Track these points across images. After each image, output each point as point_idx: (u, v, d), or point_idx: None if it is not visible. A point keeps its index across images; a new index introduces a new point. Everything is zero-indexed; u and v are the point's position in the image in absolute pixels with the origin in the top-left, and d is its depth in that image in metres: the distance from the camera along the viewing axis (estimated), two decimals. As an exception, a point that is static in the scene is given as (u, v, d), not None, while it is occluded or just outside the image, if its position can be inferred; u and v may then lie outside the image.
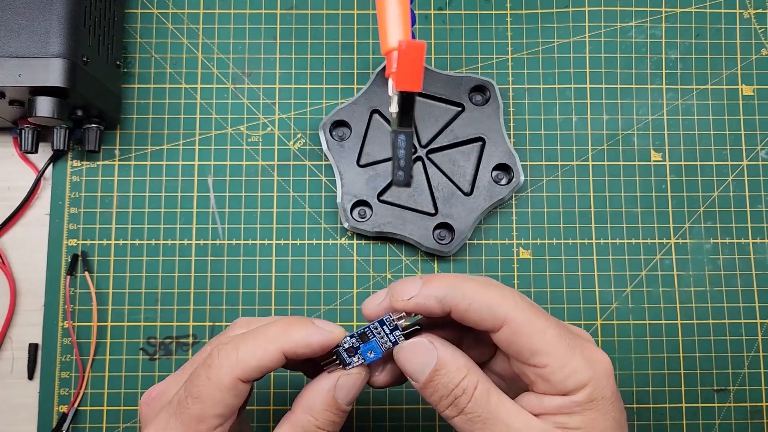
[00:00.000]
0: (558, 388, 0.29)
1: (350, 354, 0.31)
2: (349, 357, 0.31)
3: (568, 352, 0.29)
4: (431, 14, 0.49)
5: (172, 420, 0.30)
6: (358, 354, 0.31)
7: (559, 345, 0.29)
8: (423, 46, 0.29)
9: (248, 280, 0.45)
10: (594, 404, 0.29)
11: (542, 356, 0.29)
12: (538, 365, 0.29)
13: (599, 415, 0.29)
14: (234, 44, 0.48)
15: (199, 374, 0.30)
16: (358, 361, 0.31)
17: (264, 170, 0.47)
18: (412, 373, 0.30)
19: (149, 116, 0.47)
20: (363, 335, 0.31)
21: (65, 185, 0.46)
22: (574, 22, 0.49)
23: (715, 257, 0.47)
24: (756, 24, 0.49)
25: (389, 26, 0.30)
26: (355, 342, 0.31)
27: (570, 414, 0.29)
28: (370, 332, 0.31)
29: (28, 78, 0.39)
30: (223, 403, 0.29)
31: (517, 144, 0.47)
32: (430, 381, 0.29)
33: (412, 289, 0.30)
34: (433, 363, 0.29)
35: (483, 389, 0.29)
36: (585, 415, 0.29)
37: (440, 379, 0.29)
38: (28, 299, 0.45)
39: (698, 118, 0.48)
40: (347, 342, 0.31)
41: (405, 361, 0.30)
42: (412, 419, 0.44)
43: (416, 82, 0.29)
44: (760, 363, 0.46)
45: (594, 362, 0.29)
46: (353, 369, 0.31)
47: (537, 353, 0.29)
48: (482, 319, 0.29)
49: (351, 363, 0.31)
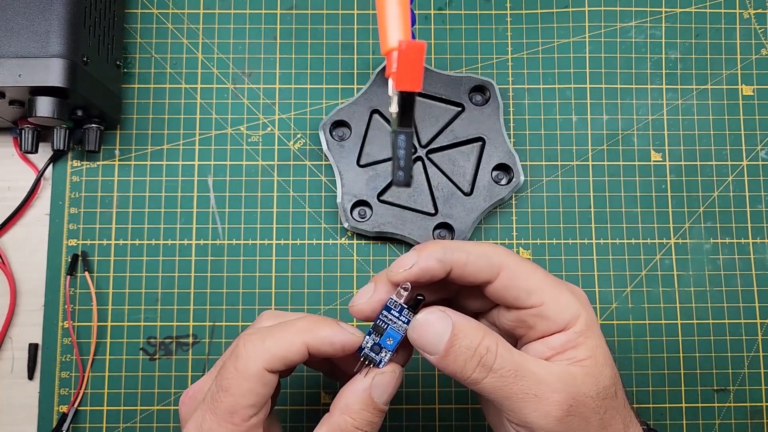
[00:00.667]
0: (558, 323, 0.30)
1: (377, 352, 0.31)
2: (377, 355, 0.31)
3: (556, 288, 0.31)
4: (431, 14, 0.49)
5: (207, 415, 0.30)
6: (383, 349, 0.31)
7: (549, 282, 0.31)
8: (423, 46, 0.29)
9: (248, 280, 0.45)
10: (591, 331, 0.30)
11: (538, 294, 0.30)
12: (536, 304, 0.30)
13: (598, 340, 0.31)
14: (234, 44, 0.48)
15: (227, 367, 0.30)
16: (386, 357, 0.31)
17: (264, 170, 0.47)
18: (431, 345, 0.30)
19: (149, 116, 0.47)
20: (377, 328, 0.31)
21: (65, 185, 0.46)
22: (574, 22, 0.49)
23: (715, 257, 0.47)
24: (756, 24, 0.49)
25: (389, 26, 0.30)
26: (375, 338, 0.31)
27: (576, 347, 0.30)
28: (383, 322, 0.31)
29: (28, 78, 0.39)
30: (252, 393, 0.30)
31: (517, 144, 0.47)
32: (451, 347, 0.29)
33: (411, 259, 0.31)
34: (449, 330, 0.29)
35: (504, 345, 0.30)
36: (588, 343, 0.30)
37: (460, 343, 0.29)
38: (28, 299, 0.45)
39: (698, 118, 0.48)
40: (368, 341, 0.31)
41: (420, 336, 0.30)
42: (412, 419, 0.44)
43: (416, 82, 0.29)
44: (760, 363, 0.46)
45: (577, 293, 0.31)
46: (387, 367, 0.31)
47: (533, 292, 0.30)
48: (481, 270, 0.30)
49: (381, 360, 0.31)
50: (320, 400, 0.44)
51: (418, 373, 0.45)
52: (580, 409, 0.29)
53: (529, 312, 0.31)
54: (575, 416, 0.29)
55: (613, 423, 0.30)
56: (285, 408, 0.44)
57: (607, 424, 0.30)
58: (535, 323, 0.31)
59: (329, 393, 0.44)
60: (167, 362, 0.44)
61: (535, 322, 0.31)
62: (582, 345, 0.30)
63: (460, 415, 0.44)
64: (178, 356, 0.45)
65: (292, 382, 0.44)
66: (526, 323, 0.31)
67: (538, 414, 0.29)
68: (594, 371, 0.30)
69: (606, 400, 0.30)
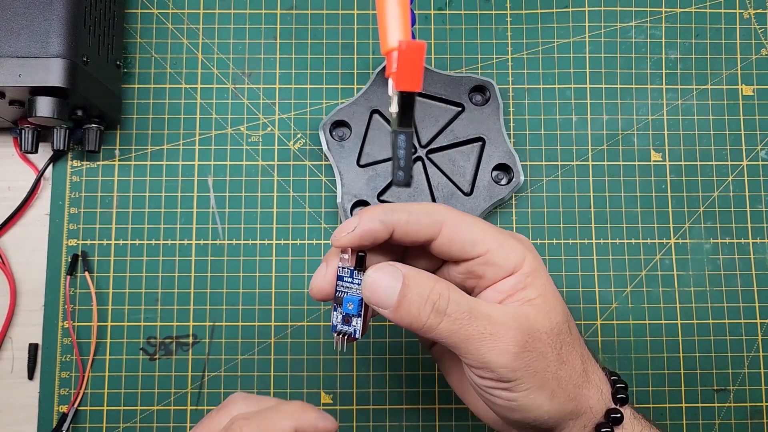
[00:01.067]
0: (505, 268, 0.31)
1: (348, 323, 0.32)
2: (350, 326, 0.32)
3: (499, 236, 0.32)
4: (431, 14, 0.49)
5: None
6: (352, 317, 0.32)
7: (491, 231, 0.32)
8: (423, 46, 0.29)
9: (248, 280, 0.45)
10: (538, 272, 0.32)
11: (483, 243, 0.31)
12: (481, 253, 0.31)
13: (546, 279, 0.32)
14: (234, 44, 0.48)
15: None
16: (358, 323, 0.32)
17: (264, 170, 0.47)
18: (383, 299, 0.30)
19: (149, 116, 0.47)
20: (337, 299, 0.32)
21: (65, 185, 0.46)
22: (574, 22, 0.49)
23: (715, 257, 0.47)
24: (756, 24, 0.49)
25: (389, 26, 0.30)
26: (339, 311, 0.32)
27: (525, 288, 0.31)
28: (339, 292, 0.32)
29: (28, 78, 0.39)
30: None
31: (517, 144, 0.47)
32: (404, 297, 0.30)
33: (353, 223, 0.31)
34: (400, 282, 0.30)
35: (456, 290, 0.30)
36: (536, 283, 0.31)
37: (412, 293, 0.30)
38: (28, 299, 0.45)
39: (698, 118, 0.48)
40: (336, 317, 0.32)
41: (372, 293, 0.30)
42: (412, 419, 0.44)
43: (416, 82, 0.29)
44: (760, 363, 0.46)
45: (519, 238, 0.33)
46: None
47: (477, 242, 0.31)
48: (423, 227, 0.31)
49: (355, 330, 0.32)
50: (320, 400, 0.44)
51: (418, 373, 0.45)
52: (536, 344, 0.30)
53: (476, 261, 0.31)
54: (532, 352, 0.30)
55: (570, 359, 0.32)
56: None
57: (564, 359, 0.31)
58: (484, 272, 0.32)
59: (329, 393, 0.44)
60: (167, 362, 0.44)
61: (484, 270, 0.31)
62: (531, 285, 0.31)
63: (460, 415, 0.44)
64: (178, 356, 0.45)
65: (292, 382, 0.44)
66: (475, 273, 0.32)
67: (496, 352, 0.29)
68: (545, 308, 0.31)
69: (560, 336, 0.31)
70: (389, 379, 0.45)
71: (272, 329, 0.45)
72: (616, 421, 0.32)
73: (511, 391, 0.30)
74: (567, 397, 0.31)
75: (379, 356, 0.45)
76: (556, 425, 0.32)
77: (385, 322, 0.45)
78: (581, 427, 0.32)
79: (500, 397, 0.31)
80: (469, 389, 0.35)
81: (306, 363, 0.45)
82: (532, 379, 0.30)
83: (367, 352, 0.45)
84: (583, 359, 0.32)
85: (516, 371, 0.30)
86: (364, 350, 0.45)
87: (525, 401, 0.30)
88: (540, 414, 0.31)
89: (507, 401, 0.31)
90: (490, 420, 0.35)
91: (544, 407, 0.31)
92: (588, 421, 0.32)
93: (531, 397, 0.30)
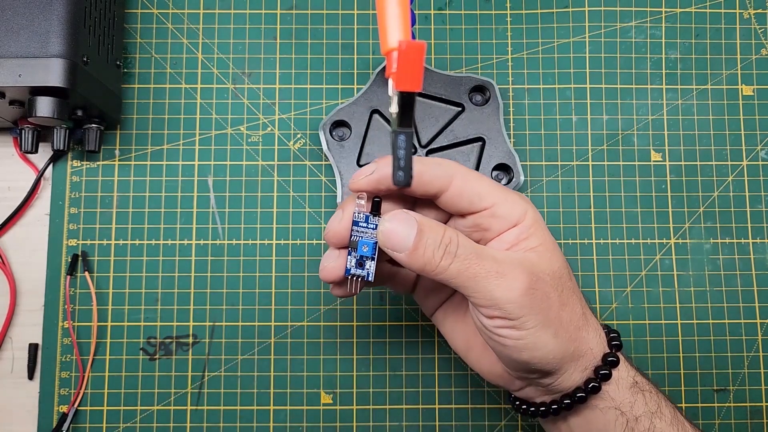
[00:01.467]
0: (509, 220, 0.33)
1: (362, 266, 0.33)
2: (363, 269, 0.33)
3: (503, 190, 0.34)
4: (431, 14, 0.49)
5: None
6: (365, 260, 0.33)
7: (496, 186, 0.34)
8: (423, 47, 0.29)
9: (248, 280, 0.45)
10: (539, 224, 0.34)
11: (489, 197, 0.33)
12: (488, 206, 0.33)
13: (545, 231, 0.34)
14: (234, 44, 0.48)
15: None
16: (371, 266, 0.34)
17: (264, 170, 0.47)
18: (400, 244, 0.32)
19: (149, 116, 0.47)
20: (352, 244, 0.33)
21: (65, 185, 0.46)
22: (574, 22, 0.49)
23: (715, 257, 0.47)
24: (756, 24, 0.49)
25: (389, 26, 0.30)
26: (354, 255, 0.33)
27: (527, 238, 0.33)
28: (355, 236, 0.33)
29: (28, 78, 0.39)
30: None
31: (517, 144, 0.47)
32: (419, 241, 0.32)
33: (371, 168, 0.33)
34: (415, 228, 0.32)
35: (463, 236, 0.33)
36: (537, 233, 0.34)
37: (427, 238, 0.32)
38: (28, 299, 0.45)
39: (698, 118, 0.48)
40: (350, 261, 0.33)
41: (389, 238, 0.32)
42: (412, 419, 0.44)
43: (416, 82, 0.29)
44: (759, 363, 0.46)
45: (520, 195, 0.35)
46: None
47: (484, 196, 0.33)
48: (435, 178, 0.33)
49: (368, 272, 0.34)
50: (320, 400, 0.44)
51: (417, 373, 0.45)
52: (539, 284, 0.32)
53: (483, 214, 0.34)
54: (536, 291, 0.32)
55: (571, 302, 0.34)
56: (285, 408, 0.44)
57: (565, 301, 0.33)
58: (490, 224, 0.34)
59: (329, 393, 0.44)
60: (167, 362, 0.44)
61: (490, 223, 0.34)
62: (532, 236, 0.33)
63: (460, 415, 0.44)
64: (178, 356, 0.45)
65: (292, 382, 0.44)
66: (481, 226, 0.34)
67: (503, 288, 0.31)
68: (546, 255, 0.33)
69: (561, 279, 0.34)
70: (389, 379, 0.45)
71: (272, 329, 0.45)
72: (613, 363, 0.34)
73: (518, 329, 0.32)
74: (569, 338, 0.33)
75: (379, 356, 0.45)
76: (559, 367, 0.33)
77: (385, 322, 0.45)
78: (582, 369, 0.34)
79: (508, 337, 0.32)
80: (473, 347, 0.37)
81: (306, 363, 0.45)
82: (537, 317, 0.32)
83: (367, 352, 0.45)
84: (582, 304, 0.35)
85: (522, 308, 0.32)
86: (364, 350, 0.45)
87: (532, 339, 0.32)
88: (545, 353, 0.32)
89: (515, 340, 0.32)
90: (493, 376, 0.37)
91: (549, 345, 0.32)
92: (588, 363, 0.34)
93: (537, 335, 0.32)
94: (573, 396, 0.34)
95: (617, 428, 0.34)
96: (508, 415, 0.45)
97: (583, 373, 0.34)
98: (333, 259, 0.34)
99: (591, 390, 0.34)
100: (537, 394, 0.36)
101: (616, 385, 0.34)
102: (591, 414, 0.34)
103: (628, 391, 0.34)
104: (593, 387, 0.33)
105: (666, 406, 0.35)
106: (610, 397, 0.34)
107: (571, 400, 0.34)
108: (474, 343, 0.37)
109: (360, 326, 0.45)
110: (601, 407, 0.34)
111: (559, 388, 0.34)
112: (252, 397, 0.44)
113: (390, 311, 0.45)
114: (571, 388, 0.34)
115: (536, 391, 0.36)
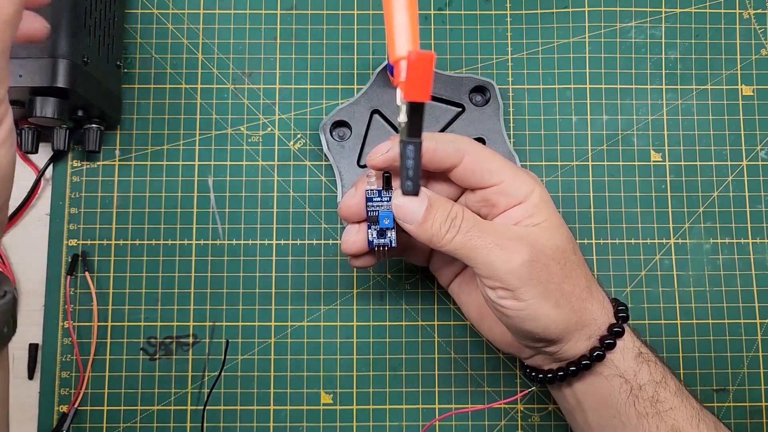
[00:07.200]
0: (517, 197, 0.35)
1: (383, 236, 0.36)
2: (385, 239, 0.36)
3: (514, 168, 0.35)
4: (431, 14, 0.49)
5: None
6: (386, 230, 0.36)
7: (506, 163, 0.35)
8: (432, 57, 0.28)
9: (248, 280, 0.45)
10: (545, 202, 0.35)
11: (499, 173, 0.35)
12: (497, 182, 0.35)
13: (552, 209, 0.36)
14: (234, 44, 0.48)
15: None
16: (393, 234, 0.36)
17: (264, 170, 0.47)
18: (410, 215, 0.34)
19: (149, 116, 0.47)
20: (371, 218, 0.36)
21: (65, 185, 0.46)
22: (574, 22, 0.49)
23: (715, 257, 0.47)
24: (756, 24, 0.49)
25: (397, 35, 0.30)
26: (375, 228, 0.36)
27: (533, 215, 0.35)
28: (372, 211, 0.36)
29: (29, 78, 0.39)
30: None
31: (517, 144, 0.47)
32: (428, 215, 0.34)
33: (387, 145, 0.35)
34: (426, 202, 0.34)
35: (468, 212, 0.35)
36: (543, 211, 0.35)
37: (435, 211, 0.34)
38: (28, 299, 0.45)
39: (698, 119, 0.48)
40: (371, 233, 0.36)
41: (403, 211, 0.34)
42: (412, 419, 0.44)
43: (425, 92, 0.29)
44: (759, 363, 0.46)
45: (530, 174, 0.36)
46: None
47: (494, 172, 0.35)
48: (448, 155, 0.35)
49: (391, 240, 0.36)
50: (320, 400, 0.44)
51: (418, 373, 0.45)
52: (540, 257, 0.34)
53: (492, 190, 0.35)
54: (536, 263, 0.33)
55: (574, 275, 0.35)
56: (285, 408, 0.44)
57: (568, 273, 0.35)
58: (498, 200, 0.35)
59: (329, 393, 0.44)
60: (167, 362, 0.44)
61: (498, 199, 0.35)
62: (538, 213, 0.35)
63: (459, 415, 0.44)
64: (178, 356, 0.45)
65: (292, 382, 0.45)
66: (489, 201, 0.35)
67: (504, 259, 0.33)
68: (550, 230, 0.35)
69: (564, 253, 0.35)
70: (389, 379, 0.45)
71: (272, 329, 0.45)
72: (618, 334, 0.35)
73: (518, 300, 0.34)
74: (571, 308, 0.34)
75: (379, 356, 0.45)
76: (563, 335, 0.35)
77: (385, 322, 0.45)
78: (586, 337, 0.35)
79: (510, 308, 0.34)
80: (485, 317, 0.39)
81: (306, 363, 0.45)
82: (537, 288, 0.33)
83: (367, 352, 0.45)
84: (587, 279, 0.36)
85: (521, 278, 0.33)
86: (364, 350, 0.45)
87: (532, 309, 0.34)
88: (548, 323, 0.34)
89: (516, 311, 0.34)
90: (504, 344, 0.39)
91: (551, 315, 0.34)
92: (593, 332, 0.35)
93: (538, 305, 0.34)
94: (578, 363, 0.35)
95: (621, 395, 0.35)
96: (509, 415, 0.45)
97: (588, 342, 0.35)
98: (354, 233, 0.36)
99: (595, 358, 0.35)
100: (545, 362, 0.38)
101: (621, 354, 0.35)
102: (596, 381, 0.36)
103: (633, 361, 0.35)
104: (597, 355, 0.35)
105: (671, 379, 0.36)
106: (615, 365, 0.35)
107: (576, 368, 0.35)
108: (486, 313, 0.39)
109: (360, 326, 0.45)
110: (605, 374, 0.35)
111: (565, 356, 0.36)
112: (252, 397, 0.44)
113: (390, 311, 0.46)
114: (576, 356, 0.35)
115: (544, 359, 0.37)
